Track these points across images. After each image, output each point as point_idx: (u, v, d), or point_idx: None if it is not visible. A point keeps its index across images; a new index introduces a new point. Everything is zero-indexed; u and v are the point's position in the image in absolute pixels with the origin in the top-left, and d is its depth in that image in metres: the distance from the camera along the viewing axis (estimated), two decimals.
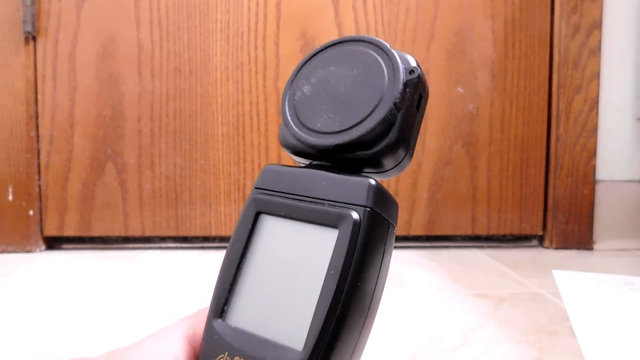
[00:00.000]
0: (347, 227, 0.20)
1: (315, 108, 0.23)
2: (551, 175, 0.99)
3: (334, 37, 0.96)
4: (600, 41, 0.98)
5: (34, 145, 0.93)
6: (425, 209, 0.99)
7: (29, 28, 0.90)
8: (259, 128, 0.96)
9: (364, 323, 0.21)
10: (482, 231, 1.01)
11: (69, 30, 0.93)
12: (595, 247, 1.01)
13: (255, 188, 0.23)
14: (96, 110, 0.94)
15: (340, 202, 0.21)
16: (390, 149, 0.22)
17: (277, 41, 0.96)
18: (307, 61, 0.24)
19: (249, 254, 0.22)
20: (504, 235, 1.03)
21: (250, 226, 0.22)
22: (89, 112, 0.94)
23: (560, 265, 0.86)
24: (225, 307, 0.22)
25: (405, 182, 0.98)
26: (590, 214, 1.00)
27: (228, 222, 0.97)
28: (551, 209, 1.00)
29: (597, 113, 0.99)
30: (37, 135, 0.94)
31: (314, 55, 0.24)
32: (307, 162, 0.24)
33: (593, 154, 0.99)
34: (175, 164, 0.96)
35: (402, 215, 0.99)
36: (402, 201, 0.98)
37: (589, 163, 0.99)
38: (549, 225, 1.00)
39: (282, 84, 0.96)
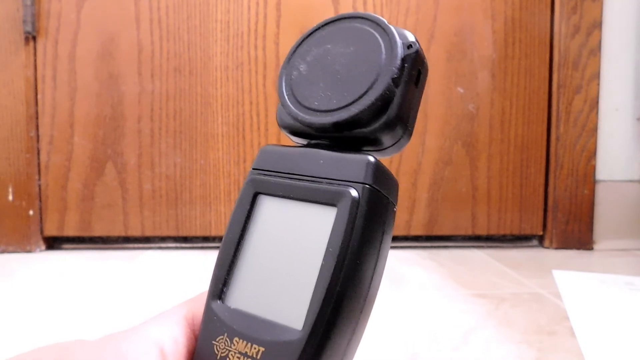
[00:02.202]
0: (346, 205, 0.20)
1: (312, 87, 0.22)
2: (551, 175, 1.00)
3: None
4: (600, 41, 0.98)
5: (34, 145, 0.93)
6: (425, 209, 0.99)
7: (29, 28, 0.90)
8: (259, 128, 0.96)
9: (364, 302, 0.20)
10: (482, 231, 1.01)
11: (69, 30, 0.93)
12: (595, 247, 1.01)
13: (253, 169, 0.23)
14: (96, 110, 0.94)
15: (339, 180, 0.20)
16: (389, 126, 0.21)
17: (277, 41, 0.96)
18: (303, 40, 0.24)
19: (247, 235, 0.22)
20: (504, 235, 1.03)
21: (248, 207, 0.22)
22: (89, 112, 0.94)
23: (560, 265, 0.86)
24: (224, 289, 0.22)
25: (405, 182, 0.98)
26: (590, 214, 1.00)
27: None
28: (551, 209, 1.00)
29: (597, 113, 0.99)
30: (37, 135, 0.94)
31: (311, 33, 0.24)
32: (305, 141, 0.24)
33: (593, 154, 0.99)
34: (175, 164, 0.96)
35: (402, 215, 0.99)
36: (402, 201, 0.98)
37: (589, 163, 0.99)
38: (549, 225, 1.00)
39: None
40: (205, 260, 0.89)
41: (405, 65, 0.21)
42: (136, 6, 0.94)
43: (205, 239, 0.99)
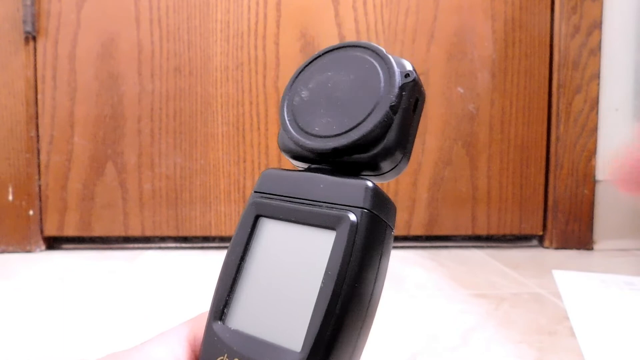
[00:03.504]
0: (345, 229, 0.20)
1: (313, 112, 0.23)
2: (551, 175, 0.99)
3: (334, 37, 0.96)
4: (600, 41, 0.98)
5: (34, 145, 0.93)
6: (425, 209, 0.99)
7: (29, 28, 0.90)
8: (259, 128, 0.96)
9: (362, 324, 0.21)
10: (482, 231, 1.01)
11: (69, 30, 0.93)
12: (595, 247, 1.01)
13: (255, 192, 0.23)
14: (96, 110, 0.94)
15: (338, 204, 0.21)
16: (388, 152, 0.22)
17: (277, 41, 0.96)
18: (305, 67, 0.25)
19: (248, 257, 0.22)
20: (504, 235, 1.03)
21: (249, 229, 0.23)
22: (89, 112, 0.94)
23: (560, 265, 0.86)
24: (225, 310, 0.22)
25: (405, 182, 0.98)
26: (590, 214, 1.00)
27: (228, 222, 0.97)
28: (551, 209, 1.00)
29: (597, 113, 0.99)
30: (37, 135, 0.94)
31: (312, 61, 0.25)
32: (306, 165, 0.24)
33: (593, 154, 0.99)
34: (175, 164, 0.96)
35: (402, 215, 0.99)
36: (402, 201, 0.98)
37: (589, 163, 0.99)
38: (549, 225, 1.00)
39: (282, 84, 0.96)
40: (205, 260, 0.89)
41: (403, 93, 0.22)
42: (136, 6, 0.94)
43: (205, 239, 0.99)
